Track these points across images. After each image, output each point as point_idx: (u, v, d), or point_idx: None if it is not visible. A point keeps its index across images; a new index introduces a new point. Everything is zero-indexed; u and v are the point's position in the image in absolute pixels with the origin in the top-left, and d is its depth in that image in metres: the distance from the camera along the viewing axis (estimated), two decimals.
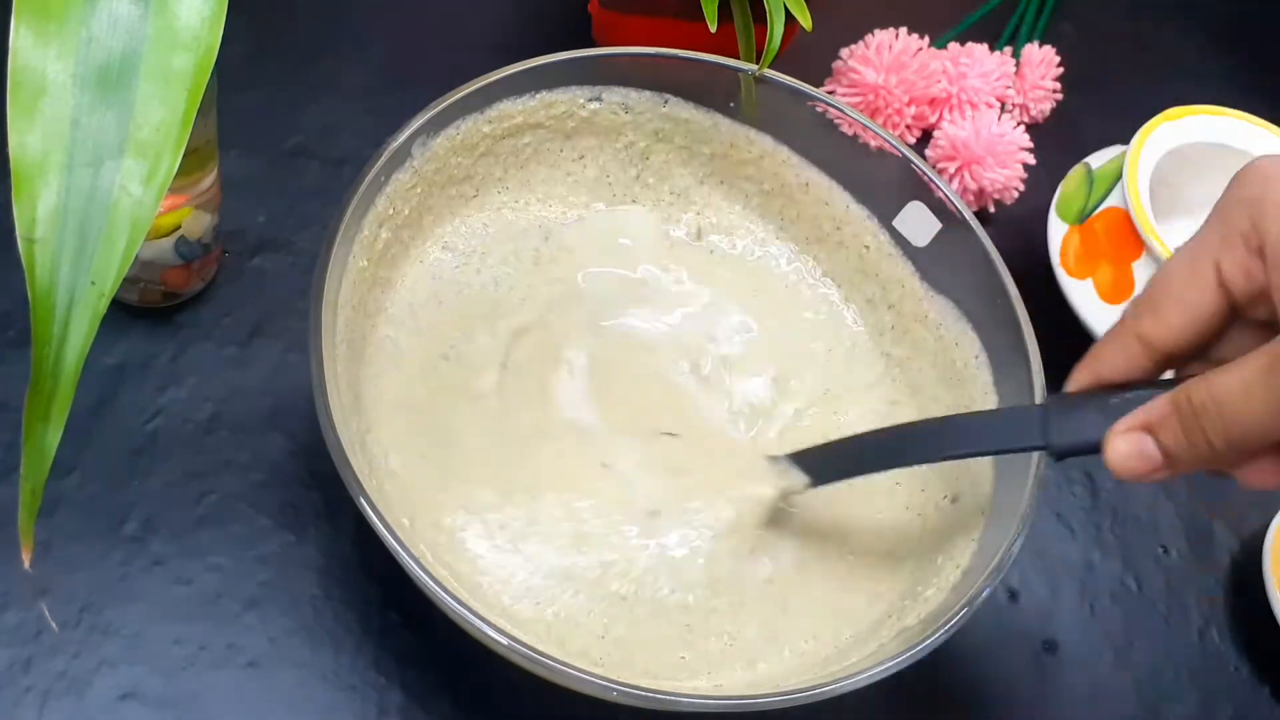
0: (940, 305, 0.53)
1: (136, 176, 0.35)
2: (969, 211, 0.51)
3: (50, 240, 0.34)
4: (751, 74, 0.53)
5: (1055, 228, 0.60)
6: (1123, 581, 0.56)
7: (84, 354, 0.34)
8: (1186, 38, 0.78)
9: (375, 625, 0.48)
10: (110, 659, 0.46)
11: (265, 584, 0.48)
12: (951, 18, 0.72)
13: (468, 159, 0.52)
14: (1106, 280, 0.57)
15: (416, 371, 0.50)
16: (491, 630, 0.39)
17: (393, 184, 0.48)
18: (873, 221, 0.54)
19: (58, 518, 0.48)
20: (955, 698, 0.51)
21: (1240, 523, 0.59)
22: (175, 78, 0.35)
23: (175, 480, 0.50)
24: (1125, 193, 0.57)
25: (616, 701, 0.39)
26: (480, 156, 0.52)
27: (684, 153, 0.56)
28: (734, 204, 0.57)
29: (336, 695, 0.47)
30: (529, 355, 0.51)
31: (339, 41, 0.65)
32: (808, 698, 0.40)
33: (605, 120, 0.54)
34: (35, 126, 0.34)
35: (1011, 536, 0.44)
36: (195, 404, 0.52)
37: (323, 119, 0.61)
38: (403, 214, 0.50)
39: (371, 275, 0.48)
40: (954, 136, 0.63)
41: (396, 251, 0.50)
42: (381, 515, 0.40)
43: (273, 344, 0.54)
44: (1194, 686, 0.54)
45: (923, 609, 0.45)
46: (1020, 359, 0.48)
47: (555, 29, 0.67)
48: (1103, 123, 0.65)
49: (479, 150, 0.52)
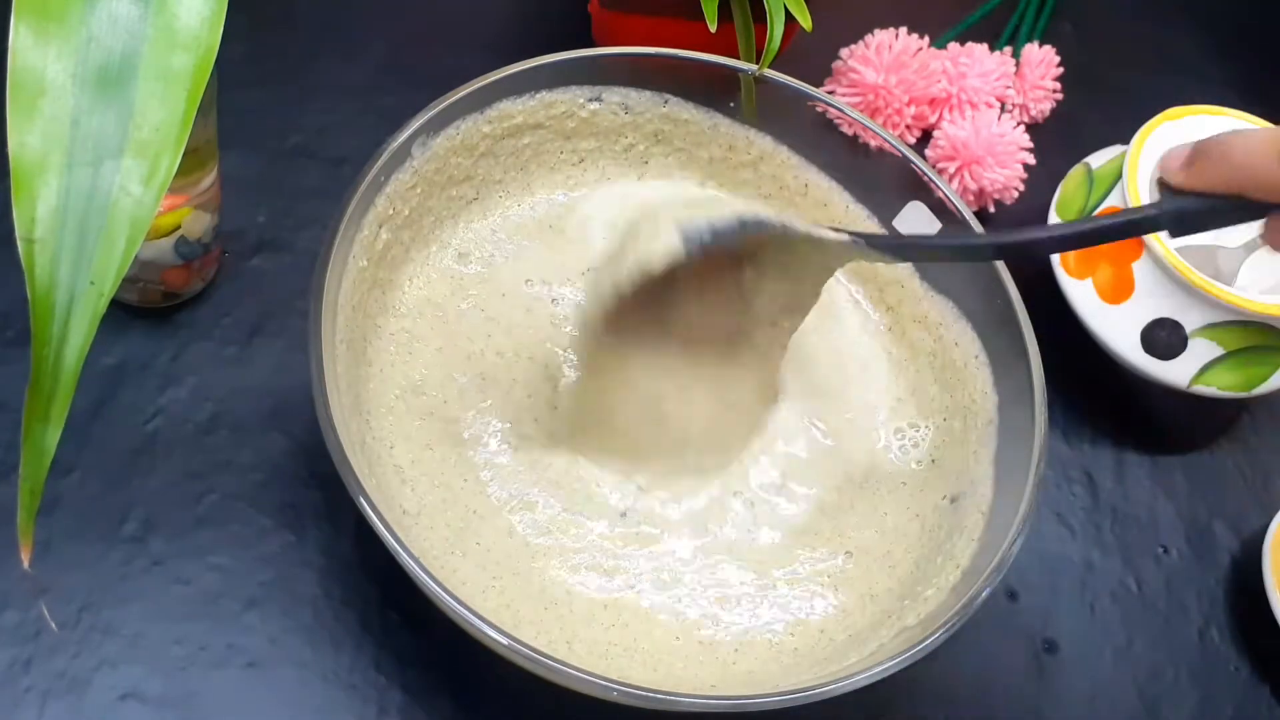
0: (940, 305, 0.53)
1: (136, 176, 0.35)
2: (969, 211, 0.51)
3: (50, 240, 0.34)
4: (751, 74, 0.53)
5: None
6: (1123, 581, 0.56)
7: (84, 354, 0.34)
8: (1186, 38, 0.78)
9: (375, 625, 0.48)
10: (110, 659, 0.46)
11: (265, 584, 0.49)
12: (951, 18, 0.72)
13: (468, 159, 0.52)
14: (1106, 280, 0.57)
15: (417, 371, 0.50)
16: (491, 630, 0.39)
17: (393, 184, 0.48)
18: (873, 221, 0.54)
19: (57, 517, 0.48)
20: (955, 698, 0.51)
21: (1240, 523, 0.59)
22: (175, 78, 0.35)
23: (175, 480, 0.50)
24: (1125, 193, 0.57)
25: (616, 701, 0.39)
26: (480, 157, 0.52)
27: (683, 155, 0.56)
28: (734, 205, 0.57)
29: (336, 695, 0.47)
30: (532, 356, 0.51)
31: (339, 41, 0.65)
32: (808, 698, 0.40)
33: (605, 121, 0.54)
34: (35, 126, 0.34)
35: (1011, 536, 0.44)
36: (195, 404, 0.52)
37: (323, 119, 0.61)
38: (403, 214, 0.50)
39: (371, 275, 0.48)
40: (954, 136, 0.63)
41: (396, 252, 0.50)
42: (381, 515, 0.40)
43: (273, 344, 0.54)
44: (1194, 686, 0.54)
45: (923, 609, 0.45)
46: (1020, 359, 0.48)
47: (555, 29, 0.67)
48: (1103, 123, 0.65)
49: (479, 150, 0.52)
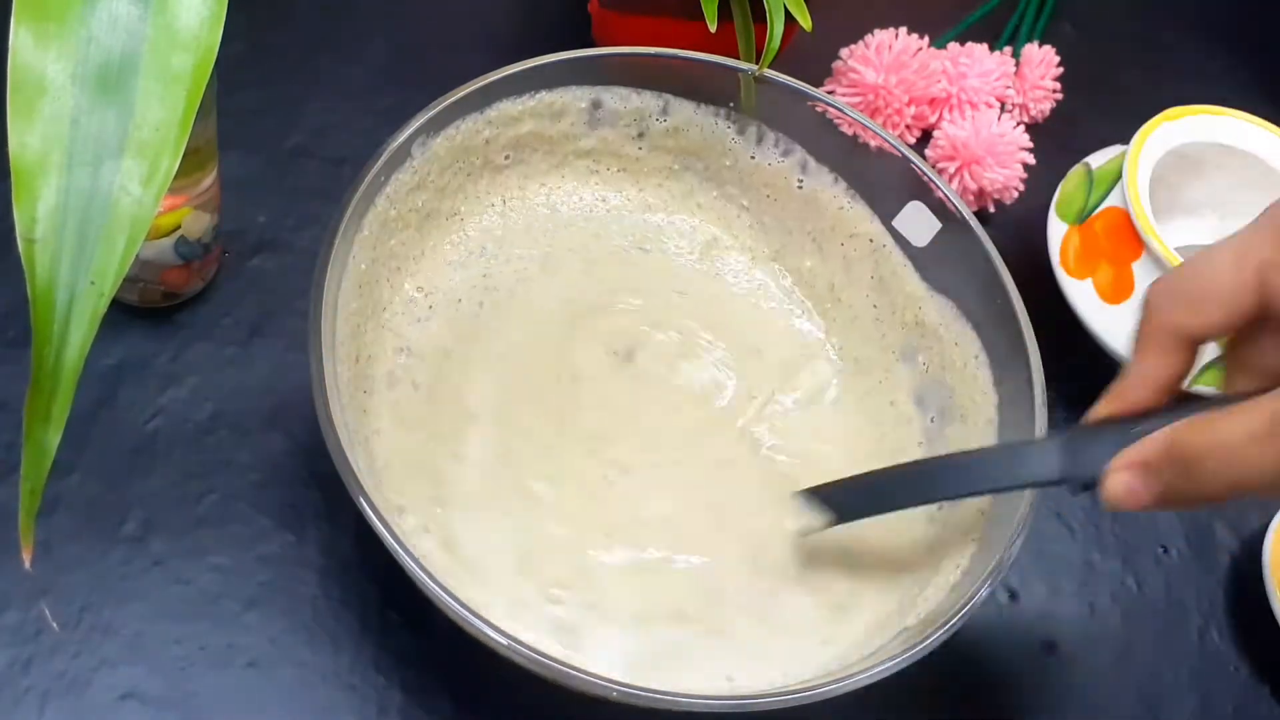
0: (940, 305, 0.53)
1: (136, 176, 0.35)
2: (969, 211, 0.51)
3: (50, 240, 0.34)
4: (751, 74, 0.53)
5: (1055, 228, 0.60)
6: (1123, 581, 0.56)
7: (84, 354, 0.34)
8: (1187, 37, 0.78)
9: (375, 625, 0.48)
10: (110, 659, 0.46)
11: (265, 584, 0.48)
12: (951, 18, 0.72)
13: (467, 159, 0.52)
14: (1106, 280, 0.57)
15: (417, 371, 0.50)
16: (491, 630, 0.39)
17: (393, 184, 0.48)
18: (873, 221, 0.54)
19: (57, 518, 0.48)
20: (955, 698, 0.51)
21: (1240, 523, 0.59)
22: (175, 78, 0.35)
23: (175, 480, 0.50)
24: (1125, 193, 0.57)
25: (616, 701, 0.39)
26: (480, 156, 0.52)
27: (683, 155, 0.56)
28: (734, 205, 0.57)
29: (336, 695, 0.47)
30: (531, 359, 0.51)
31: (339, 41, 0.65)
32: (808, 698, 0.40)
33: (605, 120, 0.54)
34: (35, 126, 0.34)
35: (1011, 536, 0.44)
36: (195, 404, 0.52)
37: (322, 119, 0.61)
38: (403, 214, 0.50)
39: (371, 275, 0.48)
40: (954, 136, 0.63)
41: (397, 252, 0.50)
42: (381, 515, 0.40)
43: (273, 344, 0.54)
44: (1194, 686, 0.54)
45: (923, 609, 0.45)
46: (1020, 359, 0.48)
47: (555, 29, 0.67)
48: (1103, 123, 0.65)
49: (479, 150, 0.52)
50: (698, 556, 0.48)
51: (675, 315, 0.54)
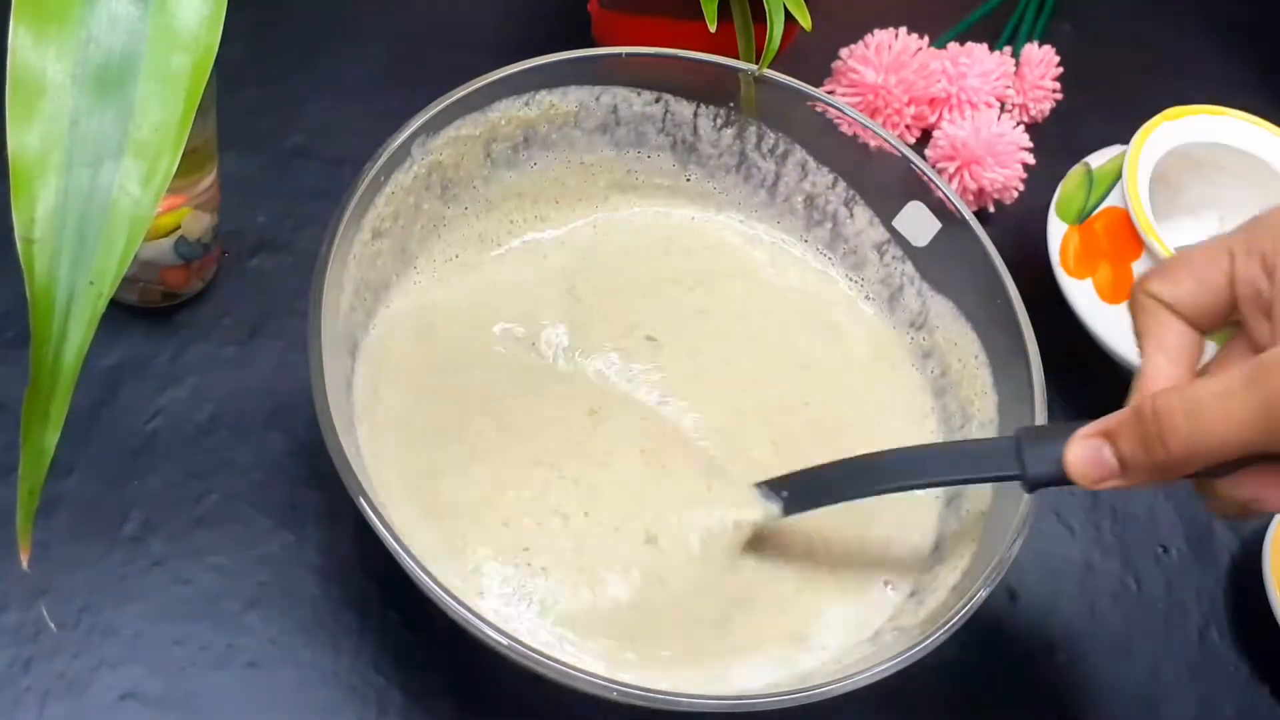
0: (940, 305, 0.53)
1: (135, 176, 0.35)
2: (969, 211, 0.51)
3: (49, 240, 0.34)
4: (751, 74, 0.53)
5: (1055, 228, 0.60)
6: (1123, 581, 0.56)
7: (83, 354, 0.34)
8: (1186, 38, 0.78)
9: (375, 625, 0.48)
10: (110, 659, 0.46)
11: (265, 584, 0.48)
12: (951, 18, 0.72)
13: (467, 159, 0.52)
14: (1106, 280, 0.57)
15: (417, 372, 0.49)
16: (491, 630, 0.39)
17: (392, 184, 0.48)
18: (874, 222, 0.54)
19: (57, 518, 0.48)
20: (955, 698, 0.51)
21: (1240, 523, 0.59)
22: (174, 78, 0.35)
23: (175, 480, 0.50)
24: (1125, 193, 0.57)
25: (616, 701, 0.39)
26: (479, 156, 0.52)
27: (684, 155, 0.56)
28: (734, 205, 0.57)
29: (336, 695, 0.47)
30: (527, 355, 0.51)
31: (339, 41, 0.65)
32: (807, 698, 0.40)
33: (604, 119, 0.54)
34: (34, 126, 0.34)
35: (1011, 536, 0.44)
36: (195, 404, 0.52)
37: (322, 119, 0.61)
38: (403, 214, 0.50)
39: (371, 275, 0.48)
40: (954, 136, 0.63)
41: (397, 252, 0.50)
42: (381, 515, 0.40)
43: (273, 344, 0.54)
44: (1194, 686, 0.54)
45: (923, 609, 0.45)
46: (1020, 359, 0.48)
47: (555, 29, 0.67)
48: (1103, 123, 0.65)
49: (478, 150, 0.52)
50: (679, 557, 0.47)
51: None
